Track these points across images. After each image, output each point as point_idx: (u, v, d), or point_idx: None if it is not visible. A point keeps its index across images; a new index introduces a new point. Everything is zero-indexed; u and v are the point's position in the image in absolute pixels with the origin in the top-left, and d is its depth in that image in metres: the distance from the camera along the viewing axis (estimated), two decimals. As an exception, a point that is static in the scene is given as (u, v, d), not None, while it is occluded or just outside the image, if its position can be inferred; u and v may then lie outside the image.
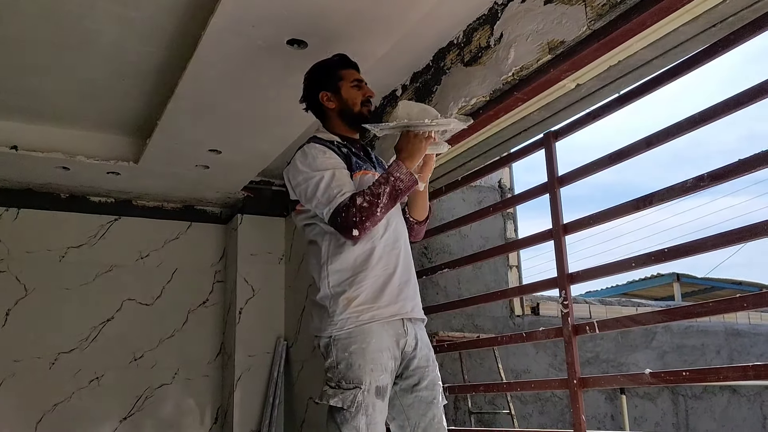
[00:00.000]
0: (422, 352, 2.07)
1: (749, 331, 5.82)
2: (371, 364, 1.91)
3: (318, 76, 2.25)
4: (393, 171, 1.96)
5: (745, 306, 2.00)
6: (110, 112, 3.64)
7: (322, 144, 2.09)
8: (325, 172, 1.98)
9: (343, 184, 1.97)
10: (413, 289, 2.11)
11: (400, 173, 1.95)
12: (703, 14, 2.07)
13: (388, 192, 1.93)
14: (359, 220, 1.90)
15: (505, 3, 2.63)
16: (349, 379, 1.90)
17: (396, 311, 2.00)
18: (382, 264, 2.01)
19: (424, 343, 2.11)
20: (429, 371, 2.07)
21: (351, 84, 2.20)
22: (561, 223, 2.66)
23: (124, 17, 2.67)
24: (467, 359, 4.25)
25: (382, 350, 1.94)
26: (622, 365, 5.01)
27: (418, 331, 2.09)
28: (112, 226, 4.72)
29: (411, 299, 2.07)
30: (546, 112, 2.80)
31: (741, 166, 1.99)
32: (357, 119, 2.18)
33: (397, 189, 1.94)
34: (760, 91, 1.96)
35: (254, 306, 4.67)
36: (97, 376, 4.45)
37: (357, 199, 1.91)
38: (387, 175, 1.96)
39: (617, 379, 2.40)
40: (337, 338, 1.95)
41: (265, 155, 3.92)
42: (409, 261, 2.13)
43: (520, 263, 4.89)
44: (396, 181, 1.94)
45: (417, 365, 2.05)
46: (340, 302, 1.96)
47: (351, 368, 1.91)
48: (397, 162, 1.99)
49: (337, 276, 2.00)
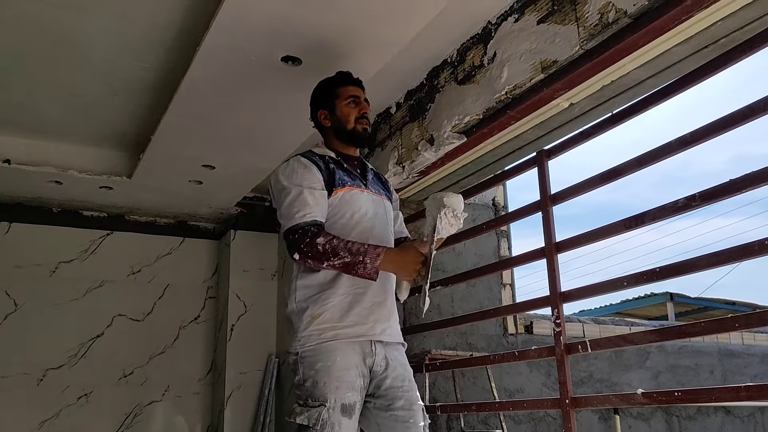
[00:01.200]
0: (395, 372, 2.03)
1: (743, 351, 5.81)
2: (336, 382, 1.90)
3: (317, 95, 2.28)
4: (369, 254, 1.91)
5: (737, 326, 1.99)
6: (104, 126, 3.63)
7: (308, 158, 2.10)
8: (295, 188, 2.00)
9: (306, 205, 1.97)
10: (387, 312, 2.06)
11: (371, 263, 1.91)
12: (695, 35, 2.09)
13: (347, 262, 1.91)
14: (305, 253, 1.91)
15: (499, 22, 2.65)
16: (315, 396, 1.90)
17: (363, 332, 1.97)
18: (351, 283, 1.99)
19: (399, 363, 2.06)
20: (404, 391, 2.02)
21: (346, 101, 2.19)
22: (553, 241, 2.66)
23: (118, 32, 2.68)
24: (460, 378, 4.22)
25: (348, 368, 1.93)
26: (616, 385, 4.98)
27: (390, 352, 2.04)
28: (104, 241, 4.69)
29: (382, 322, 2.02)
30: (539, 131, 2.82)
31: (732, 186, 1.99)
32: (350, 136, 2.18)
33: (355, 268, 1.91)
34: (749, 113, 1.97)
35: (246, 322, 4.64)
36: (85, 392, 4.39)
37: (319, 238, 1.91)
38: (363, 253, 1.91)
39: (609, 399, 2.38)
40: (303, 355, 1.95)
41: (258, 171, 3.91)
42: (386, 282, 2.08)
43: (514, 281, 4.89)
44: (359, 264, 1.90)
45: (390, 385, 2.01)
46: (304, 318, 1.97)
47: (316, 386, 1.91)
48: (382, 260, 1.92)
49: (304, 292, 2.00)
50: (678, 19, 1.96)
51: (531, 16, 2.46)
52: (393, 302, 2.11)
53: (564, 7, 2.29)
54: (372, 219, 2.10)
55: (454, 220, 1.99)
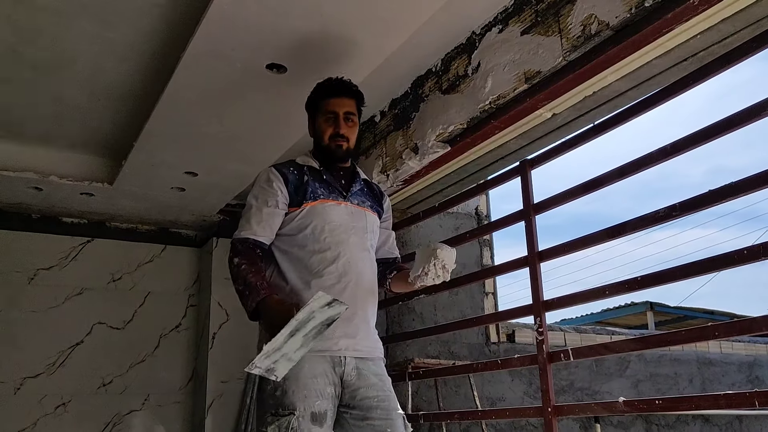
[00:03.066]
0: (368, 381, 2.01)
1: (721, 360, 5.88)
2: (305, 390, 1.90)
3: (307, 104, 2.29)
4: (253, 293, 1.94)
5: (716, 335, 2.02)
6: (85, 132, 3.60)
7: (279, 171, 2.14)
8: (254, 203, 2.10)
9: (248, 221, 2.07)
10: (355, 328, 2.03)
11: (251, 301, 1.94)
12: (674, 48, 2.13)
13: (239, 290, 1.99)
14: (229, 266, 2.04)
15: (483, 33, 2.67)
16: (284, 405, 1.90)
17: (327, 347, 1.96)
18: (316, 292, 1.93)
19: (372, 372, 2.03)
20: (379, 401, 2.00)
21: (324, 116, 2.18)
22: (536, 250, 2.68)
23: (102, 38, 2.66)
24: (443, 386, 4.22)
25: (315, 376, 1.93)
26: (597, 393, 5.02)
27: (363, 362, 2.03)
28: (84, 248, 4.64)
29: (349, 338, 2.01)
30: (522, 141, 2.85)
31: (711, 196, 2.03)
32: (325, 152, 2.18)
33: (242, 299, 1.97)
34: (726, 125, 2.01)
35: (228, 331, 4.60)
36: (63, 402, 4.33)
37: (237, 258, 2.02)
38: (251, 289, 1.94)
39: (591, 407, 2.40)
40: None
41: (242, 178, 3.90)
42: (360, 296, 2.05)
43: (497, 290, 4.91)
44: (245, 297, 1.96)
45: (364, 395, 1.99)
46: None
47: (285, 395, 1.91)
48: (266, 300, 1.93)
49: None
50: (659, 32, 1.99)
51: (515, 27, 2.49)
52: (366, 317, 2.08)
53: (547, 18, 2.32)
54: (347, 231, 2.10)
55: (442, 272, 2.01)
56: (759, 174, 1.91)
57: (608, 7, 2.06)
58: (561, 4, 2.26)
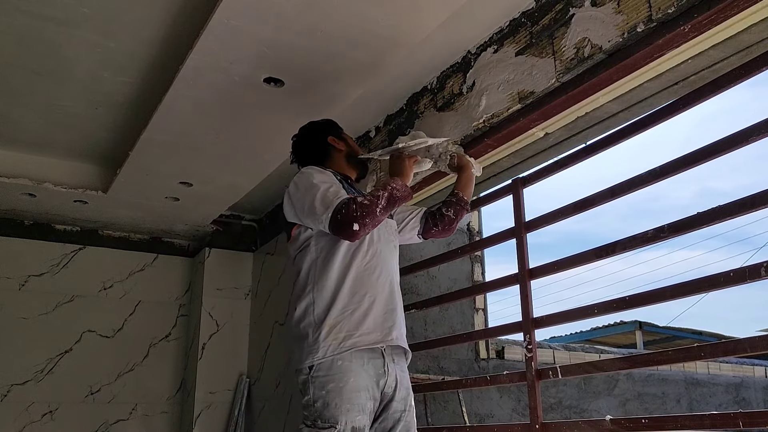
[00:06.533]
0: (401, 394, 2.06)
1: (708, 380, 5.91)
2: (348, 404, 1.89)
3: (321, 126, 2.43)
4: (389, 181, 2.12)
5: (703, 355, 2.04)
6: (81, 140, 3.62)
7: (320, 168, 2.22)
8: (323, 185, 2.07)
9: (339, 192, 2.05)
10: (399, 318, 2.12)
11: (396, 184, 2.11)
12: (666, 72, 2.17)
13: (387, 196, 2.05)
14: (359, 215, 1.96)
15: (478, 53, 2.71)
16: (325, 418, 1.88)
17: (380, 339, 2.01)
18: (364, 291, 2.04)
19: (404, 385, 2.09)
20: (405, 415, 2.05)
21: (350, 138, 2.47)
22: (527, 267, 2.70)
23: (102, 47, 2.69)
24: (432, 402, 4.22)
25: (359, 390, 1.92)
26: (585, 412, 5.03)
27: (399, 372, 2.08)
28: (76, 256, 4.63)
29: (397, 328, 2.09)
30: (514, 159, 2.88)
31: (700, 218, 2.06)
32: (360, 162, 2.42)
33: (394, 196, 2.07)
34: (714, 150, 2.04)
35: (218, 341, 4.60)
36: (50, 409, 4.31)
37: (358, 198, 2.01)
38: (384, 184, 2.11)
39: (579, 425, 2.41)
40: (315, 375, 1.93)
41: (236, 189, 3.92)
42: (394, 289, 2.16)
43: (487, 306, 4.93)
44: (393, 189, 2.08)
45: (395, 408, 2.03)
46: (323, 329, 1.96)
47: (327, 407, 1.89)
48: (393, 178, 2.18)
49: (321, 303, 2.01)
50: (650, 56, 2.03)
51: (510, 48, 2.53)
52: (402, 310, 2.18)
53: (542, 40, 2.36)
54: (380, 237, 2.20)
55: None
56: (746, 198, 1.94)
57: (601, 31, 2.11)
58: (555, 27, 2.31)
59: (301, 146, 2.41)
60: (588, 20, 2.16)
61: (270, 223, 4.70)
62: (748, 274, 1.85)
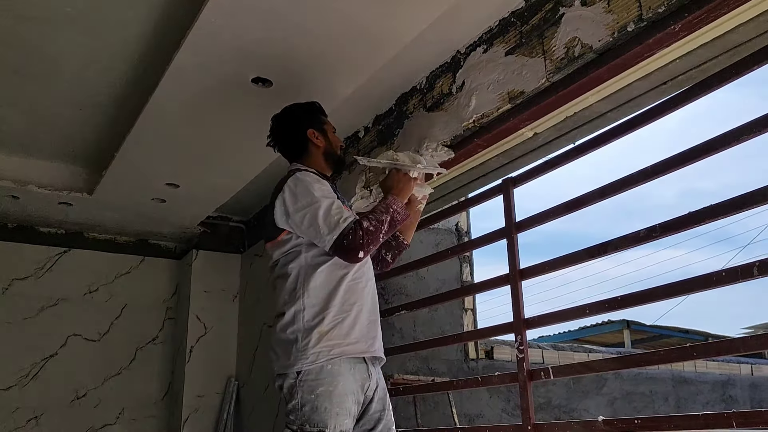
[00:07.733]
0: (379, 395, 2.10)
1: (695, 379, 5.95)
2: (337, 408, 1.90)
3: (303, 114, 2.34)
4: (391, 203, 2.11)
5: (694, 355, 2.05)
6: (66, 141, 3.56)
7: (314, 174, 2.19)
8: (325, 200, 2.05)
9: (342, 211, 2.04)
10: (379, 329, 2.16)
11: (397, 206, 2.12)
12: (654, 71, 2.17)
13: (389, 221, 2.06)
14: (365, 242, 1.97)
15: (468, 52, 2.70)
16: (313, 422, 1.88)
17: (365, 349, 2.04)
18: (353, 301, 2.06)
19: (381, 387, 2.13)
20: (383, 415, 2.09)
21: (332, 130, 2.37)
22: (518, 268, 2.70)
23: (87, 46, 2.65)
24: (421, 403, 4.21)
25: (347, 394, 1.94)
26: (574, 411, 5.04)
27: (377, 375, 2.12)
28: (60, 259, 4.57)
29: (378, 339, 2.12)
30: (503, 159, 2.87)
31: (690, 218, 2.06)
32: (338, 161, 2.35)
33: (395, 220, 2.09)
34: (704, 150, 2.05)
35: (205, 344, 4.56)
36: (36, 415, 4.24)
37: (363, 223, 2.00)
38: (386, 206, 2.10)
39: (571, 425, 2.40)
40: (303, 379, 1.93)
41: (223, 190, 3.88)
42: (376, 300, 2.19)
43: (476, 306, 4.92)
44: (394, 213, 2.08)
45: (374, 409, 2.08)
46: (313, 336, 1.96)
47: (316, 411, 1.89)
48: (393, 196, 2.16)
49: (312, 310, 2.01)
50: (641, 56, 2.03)
51: (499, 48, 2.52)
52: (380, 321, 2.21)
53: (532, 40, 2.36)
54: None
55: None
56: (736, 197, 1.95)
57: (591, 31, 2.10)
58: (545, 27, 2.30)
59: (280, 132, 2.36)
60: (578, 20, 2.16)
61: (258, 224, 4.67)
62: (740, 273, 1.85)
